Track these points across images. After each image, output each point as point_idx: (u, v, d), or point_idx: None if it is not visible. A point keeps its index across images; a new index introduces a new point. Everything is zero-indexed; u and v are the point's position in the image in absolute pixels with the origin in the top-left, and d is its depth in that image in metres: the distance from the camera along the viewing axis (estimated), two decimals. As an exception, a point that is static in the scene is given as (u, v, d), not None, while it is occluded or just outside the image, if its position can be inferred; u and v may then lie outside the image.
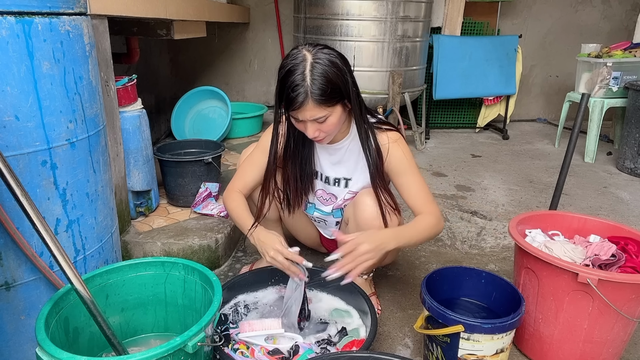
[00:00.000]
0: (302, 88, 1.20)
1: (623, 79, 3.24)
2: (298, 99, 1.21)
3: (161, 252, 1.80)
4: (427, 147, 3.67)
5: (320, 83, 1.21)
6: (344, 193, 1.53)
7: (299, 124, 1.31)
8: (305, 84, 1.20)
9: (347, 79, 1.26)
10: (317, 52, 1.24)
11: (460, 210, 2.45)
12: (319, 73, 1.21)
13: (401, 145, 1.41)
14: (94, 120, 1.25)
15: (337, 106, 1.28)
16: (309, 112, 1.23)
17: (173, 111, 3.31)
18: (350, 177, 1.50)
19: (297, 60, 1.23)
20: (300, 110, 1.23)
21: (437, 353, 1.27)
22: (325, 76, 1.22)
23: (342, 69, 1.26)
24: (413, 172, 1.41)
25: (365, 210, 1.42)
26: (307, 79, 1.20)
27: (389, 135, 1.40)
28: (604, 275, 1.17)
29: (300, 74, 1.21)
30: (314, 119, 1.25)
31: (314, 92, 1.21)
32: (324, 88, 1.21)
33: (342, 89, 1.26)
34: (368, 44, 3.14)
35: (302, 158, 1.49)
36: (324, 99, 1.22)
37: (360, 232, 1.30)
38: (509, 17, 4.31)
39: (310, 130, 1.28)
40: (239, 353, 1.28)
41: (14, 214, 1.04)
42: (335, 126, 1.30)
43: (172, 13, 2.09)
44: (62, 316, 1.08)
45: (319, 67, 1.22)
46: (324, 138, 1.34)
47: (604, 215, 2.44)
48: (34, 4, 1.04)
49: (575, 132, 1.73)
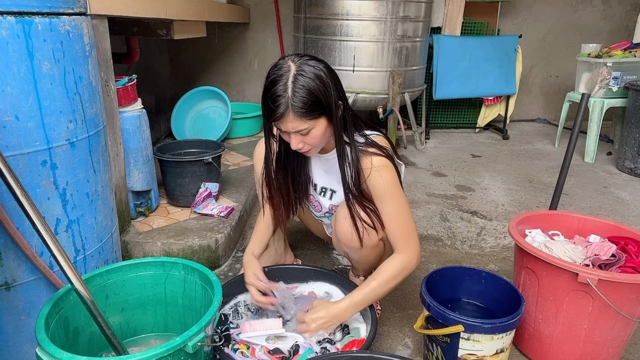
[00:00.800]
0: (282, 99, 1.18)
1: (623, 79, 3.24)
2: (279, 110, 1.19)
3: (161, 252, 1.80)
4: (427, 147, 3.67)
5: (301, 96, 1.18)
6: (327, 204, 1.53)
7: (284, 134, 1.29)
8: (287, 95, 1.18)
9: (330, 92, 1.23)
10: (302, 63, 1.21)
11: (460, 210, 2.45)
12: (300, 85, 1.18)
13: (384, 173, 1.31)
14: (94, 120, 1.25)
15: (321, 119, 1.24)
16: (290, 124, 1.21)
17: (173, 111, 3.31)
18: (335, 190, 1.49)
19: (282, 71, 1.20)
20: (281, 122, 1.22)
21: (437, 353, 1.27)
22: (307, 89, 1.18)
23: (326, 82, 1.22)
24: (392, 202, 1.34)
25: (342, 223, 1.41)
26: (288, 90, 1.18)
27: (374, 161, 1.31)
28: (604, 275, 1.17)
29: (283, 85, 1.18)
30: (296, 131, 1.23)
31: (295, 105, 1.18)
32: (305, 101, 1.18)
33: (324, 103, 1.22)
34: (368, 44, 3.14)
35: (294, 168, 1.49)
36: (305, 112, 1.20)
37: (317, 308, 1.34)
38: (509, 17, 4.31)
39: (293, 141, 1.26)
40: (239, 353, 1.28)
41: (14, 214, 1.04)
42: (319, 139, 1.27)
43: (172, 13, 2.09)
44: (62, 316, 1.08)
45: (302, 80, 1.19)
46: (309, 150, 1.31)
47: (604, 215, 2.44)
48: (34, 4, 1.04)
49: (575, 132, 1.73)
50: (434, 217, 2.37)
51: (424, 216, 2.37)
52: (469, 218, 2.36)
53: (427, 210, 2.45)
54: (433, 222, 2.31)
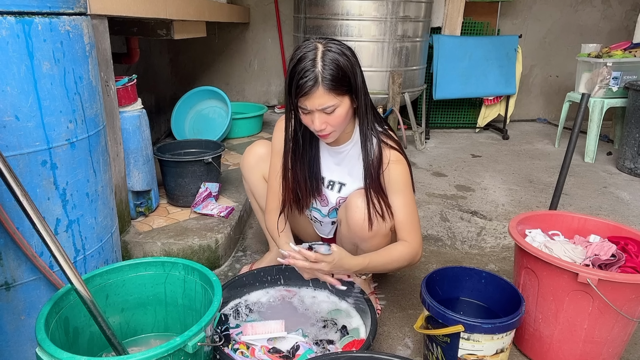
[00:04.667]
0: (312, 74, 1.20)
1: (623, 79, 3.25)
2: (308, 83, 1.20)
3: (161, 252, 1.80)
4: (427, 147, 3.67)
5: (331, 69, 1.21)
6: (335, 198, 1.52)
7: (307, 117, 1.28)
8: (316, 69, 1.20)
9: (357, 71, 1.27)
10: (329, 42, 1.26)
11: (460, 210, 2.45)
12: (330, 59, 1.22)
13: (401, 166, 1.38)
14: (94, 120, 1.25)
15: (346, 98, 1.27)
16: (317, 100, 1.22)
17: (173, 111, 3.31)
18: (345, 183, 1.49)
19: (308, 49, 1.24)
20: (309, 97, 1.22)
21: (437, 353, 1.27)
22: (336, 63, 1.22)
23: (352, 61, 1.26)
24: (404, 195, 1.39)
25: (354, 212, 1.41)
26: (318, 64, 1.21)
27: (391, 154, 1.38)
28: (604, 275, 1.17)
29: (311, 60, 1.21)
30: (322, 109, 1.24)
31: (325, 78, 1.20)
32: (334, 74, 1.21)
33: (351, 80, 1.26)
34: (368, 44, 3.14)
35: (310, 158, 1.48)
36: (334, 85, 1.22)
37: (337, 252, 1.28)
38: (509, 17, 4.31)
39: (317, 121, 1.26)
40: (239, 353, 1.28)
41: (14, 214, 1.04)
42: (342, 120, 1.29)
43: (172, 13, 2.09)
44: (62, 316, 1.08)
45: (330, 54, 1.22)
46: (330, 134, 1.31)
47: (604, 215, 2.44)
48: (34, 4, 1.04)
49: (575, 132, 1.73)
50: (434, 217, 2.37)
51: (424, 216, 2.37)
52: (469, 218, 2.36)
53: (427, 210, 2.45)
54: (433, 222, 2.31)
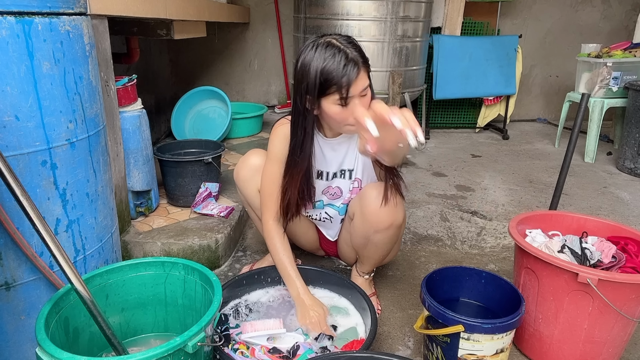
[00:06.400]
0: (351, 62, 1.23)
1: (623, 79, 3.24)
2: (353, 70, 1.23)
3: (161, 252, 1.80)
4: (427, 147, 3.67)
5: (359, 50, 1.27)
6: (348, 185, 1.53)
7: (344, 111, 1.28)
8: (351, 56, 1.24)
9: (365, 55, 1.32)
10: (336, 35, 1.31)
11: (460, 210, 2.45)
12: (354, 45, 1.27)
13: None
14: (94, 120, 1.25)
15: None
16: (360, 82, 1.26)
17: (173, 111, 3.31)
18: (352, 168, 1.52)
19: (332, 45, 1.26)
20: (356, 82, 1.25)
21: (437, 353, 1.27)
22: (358, 46, 1.28)
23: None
24: None
25: (371, 202, 1.41)
26: (349, 53, 1.24)
27: None
28: (604, 275, 1.17)
29: (343, 53, 1.24)
30: (362, 91, 1.27)
31: (362, 60, 1.26)
32: (363, 54, 1.28)
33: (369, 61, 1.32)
34: (368, 44, 3.14)
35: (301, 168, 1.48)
36: (368, 64, 1.28)
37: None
38: (509, 17, 4.31)
39: (359, 107, 1.26)
40: (239, 353, 1.28)
41: (14, 214, 1.04)
42: (370, 100, 1.31)
43: (172, 13, 2.09)
44: (62, 316, 1.08)
45: (346, 39, 1.28)
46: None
47: (604, 215, 2.44)
48: (34, 4, 1.04)
49: (575, 132, 1.73)
50: (434, 217, 2.37)
51: (424, 216, 2.37)
52: (469, 218, 2.36)
53: (427, 210, 2.45)
54: (433, 222, 2.31)
